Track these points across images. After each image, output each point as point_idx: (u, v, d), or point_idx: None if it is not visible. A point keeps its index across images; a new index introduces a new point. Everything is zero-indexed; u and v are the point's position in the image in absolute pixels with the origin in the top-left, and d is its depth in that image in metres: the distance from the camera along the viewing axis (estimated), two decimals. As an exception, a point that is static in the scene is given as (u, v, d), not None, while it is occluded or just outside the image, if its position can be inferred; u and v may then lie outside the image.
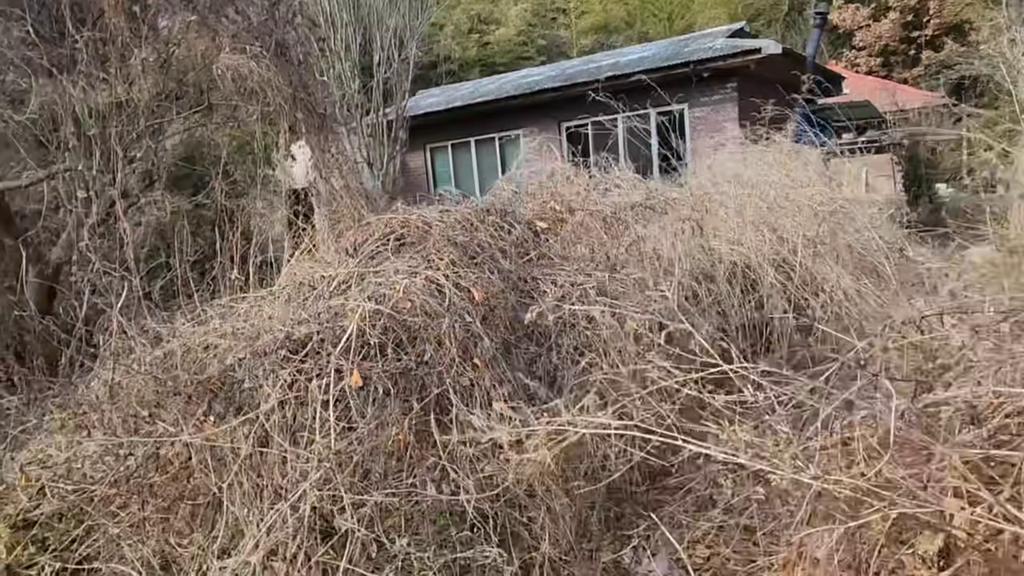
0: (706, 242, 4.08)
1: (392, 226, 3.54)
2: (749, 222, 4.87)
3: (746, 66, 12.80)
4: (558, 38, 28.98)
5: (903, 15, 26.86)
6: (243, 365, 2.82)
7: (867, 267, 5.53)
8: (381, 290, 2.93)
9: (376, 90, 11.13)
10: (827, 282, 5.12)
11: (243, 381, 2.73)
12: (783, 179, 6.46)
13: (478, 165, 16.21)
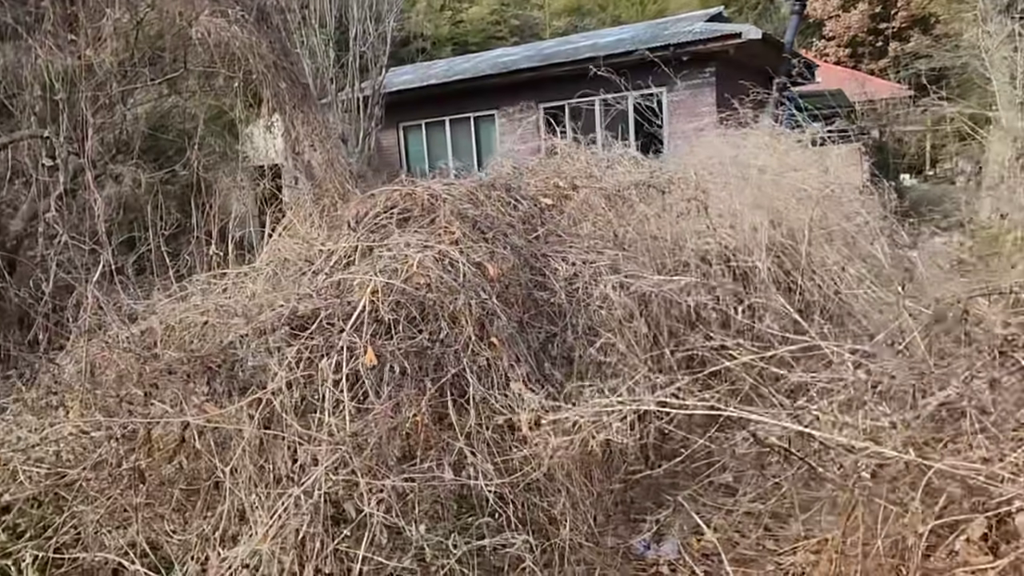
0: (710, 222, 4.00)
1: (395, 199, 3.37)
2: (749, 205, 4.81)
3: (725, 51, 12.78)
4: (531, 19, 28.67)
5: (872, 6, 27.19)
6: (244, 343, 2.64)
7: (863, 252, 5.53)
8: (392, 264, 2.77)
9: (352, 64, 10.81)
10: (826, 267, 5.10)
11: (246, 359, 2.56)
12: (775, 163, 6.44)
13: (453, 145, 15.96)
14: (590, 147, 7.12)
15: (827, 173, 6.88)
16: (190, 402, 2.45)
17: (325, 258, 3.32)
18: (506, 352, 2.65)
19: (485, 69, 14.96)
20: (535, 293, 3.00)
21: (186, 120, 6.96)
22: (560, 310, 3.02)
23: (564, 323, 2.97)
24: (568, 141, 5.18)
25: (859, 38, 27.40)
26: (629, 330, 2.98)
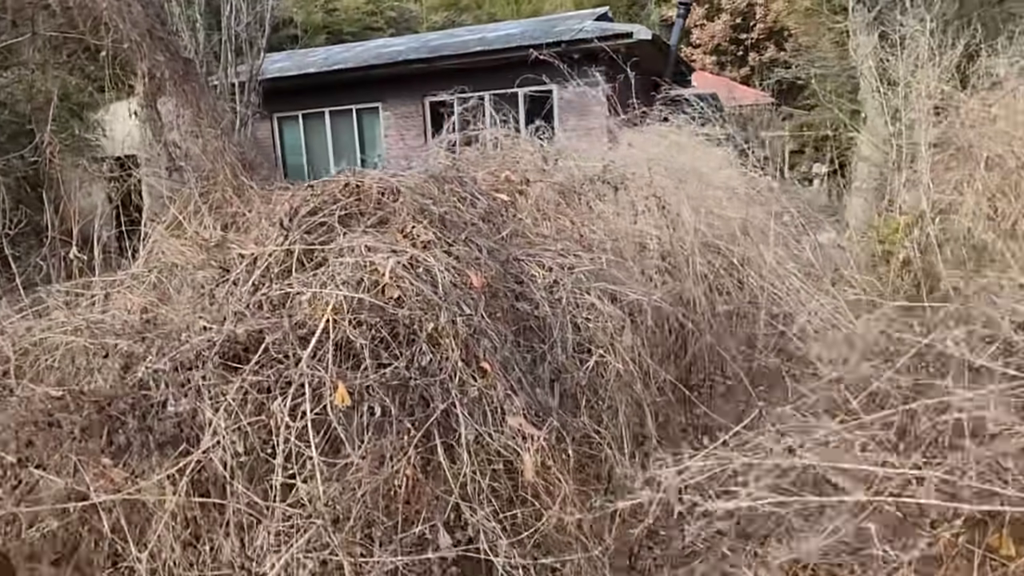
0: (669, 221, 3.73)
1: (333, 192, 2.78)
2: (687, 204, 4.58)
3: (617, 49, 12.79)
4: (408, 11, 27.91)
5: (733, 17, 28.72)
6: (160, 378, 1.98)
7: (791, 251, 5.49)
8: (353, 273, 2.20)
9: (227, 45, 9.73)
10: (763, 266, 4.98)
11: (165, 402, 1.90)
12: (693, 161, 6.33)
13: (333, 138, 15.03)
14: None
15: (744, 173, 6.89)
16: (87, 466, 1.77)
17: (248, 265, 2.66)
18: (500, 379, 2.17)
19: (369, 59, 14.16)
20: (518, 305, 2.54)
21: (32, 98, 5.80)
22: (544, 323, 2.58)
23: (552, 339, 2.53)
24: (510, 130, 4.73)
25: (722, 47, 28.88)
26: (621, 345, 2.60)
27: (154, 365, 2.00)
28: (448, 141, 4.43)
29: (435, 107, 14.41)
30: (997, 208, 6.38)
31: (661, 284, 3.35)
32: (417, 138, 14.64)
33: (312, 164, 15.29)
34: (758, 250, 5.11)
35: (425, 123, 14.50)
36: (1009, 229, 6.05)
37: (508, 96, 13.89)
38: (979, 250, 6.14)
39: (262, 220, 4.26)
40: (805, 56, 20.48)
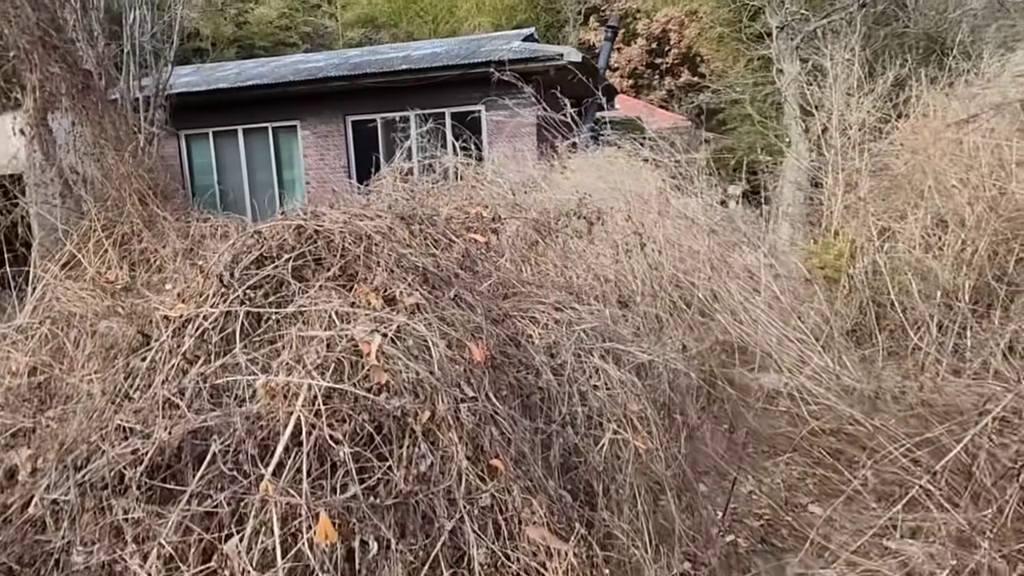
0: (652, 260, 3.39)
1: (283, 238, 2.26)
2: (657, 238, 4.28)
3: (546, 71, 12.62)
4: (323, 27, 27.11)
5: (648, 42, 29.43)
6: (61, 511, 1.42)
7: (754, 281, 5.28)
8: (331, 353, 1.70)
9: (130, 57, 8.85)
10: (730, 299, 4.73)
11: (69, 547, 1.35)
12: (642, 186, 6.08)
13: (247, 158, 14.14)
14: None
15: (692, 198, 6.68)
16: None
17: (176, 330, 2.11)
18: (515, 479, 1.72)
19: (287, 75, 13.41)
20: (520, 376, 2.10)
21: None
22: (548, 394, 2.16)
23: (560, 414, 2.10)
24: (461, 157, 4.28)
25: (639, 71, 29.51)
26: (638, 417, 2.20)
27: (51, 492, 1.44)
28: (400, 169, 3.92)
29: (358, 126, 13.80)
30: (939, 237, 6.46)
31: (653, 331, 2.99)
32: (338, 158, 13.97)
33: (223, 185, 14.33)
34: (724, 284, 4.88)
35: (347, 143, 13.85)
36: (953, 258, 6.09)
37: (435, 116, 13.46)
38: (925, 278, 6.17)
39: (179, 258, 3.62)
40: (721, 82, 21.08)
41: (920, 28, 14.56)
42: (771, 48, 11.86)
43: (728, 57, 23.08)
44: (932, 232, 6.70)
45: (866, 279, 6.70)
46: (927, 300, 5.98)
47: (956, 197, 6.20)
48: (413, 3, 30.66)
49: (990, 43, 7.02)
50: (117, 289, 3.89)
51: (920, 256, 6.33)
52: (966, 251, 5.95)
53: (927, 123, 7.59)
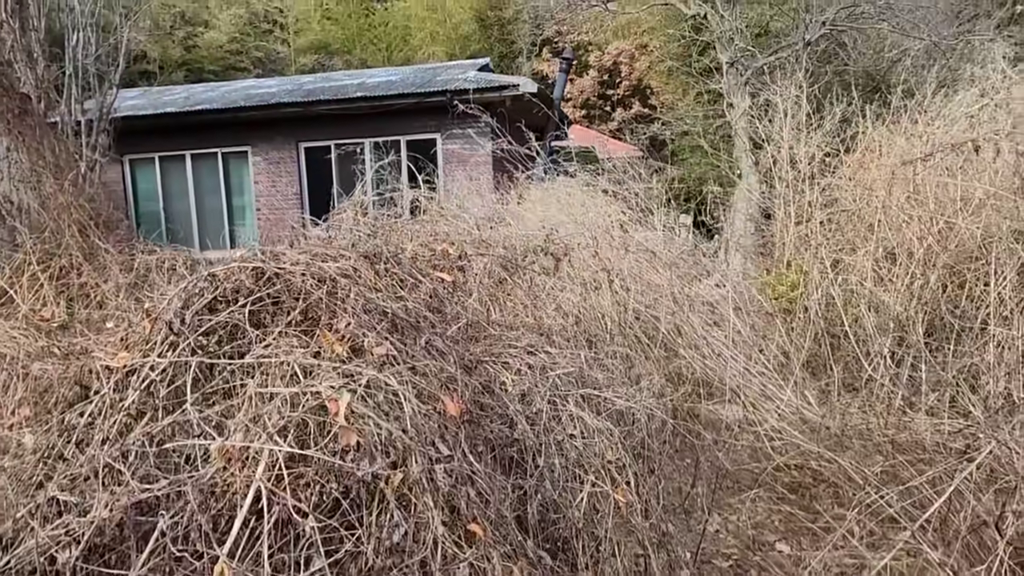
0: (618, 297, 3.34)
1: (240, 281, 2.11)
2: (622, 272, 4.24)
3: (502, 101, 12.66)
4: (275, 52, 26.82)
5: (600, 74, 30.02)
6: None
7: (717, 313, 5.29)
8: (293, 413, 1.55)
9: (72, 79, 8.50)
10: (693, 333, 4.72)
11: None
12: (603, 219, 6.07)
13: (195, 184, 13.75)
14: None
15: (654, 230, 6.71)
16: None
17: (119, 382, 1.94)
18: (495, 544, 1.60)
19: (238, 100, 13.14)
20: (495, 427, 1.98)
21: None
22: (525, 446, 2.04)
23: (537, 467, 1.99)
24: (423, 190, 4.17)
25: (591, 101, 30.02)
26: (616, 467, 2.10)
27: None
28: (360, 203, 3.79)
29: (311, 153, 13.58)
30: (890, 269, 6.61)
31: (624, 371, 2.92)
32: (291, 185, 13.71)
33: (169, 211, 13.90)
34: (686, 317, 4.86)
35: (300, 169, 13.61)
36: (904, 291, 6.23)
37: (390, 144, 13.36)
38: (878, 311, 6.29)
39: (122, 293, 3.41)
40: (671, 114, 21.54)
41: (860, 66, 15.18)
42: (720, 83, 12.15)
43: (678, 90, 23.64)
44: (882, 264, 6.86)
45: (820, 310, 6.80)
46: (881, 332, 6.10)
47: (905, 231, 6.37)
48: (367, 31, 30.65)
49: (932, 83, 7.30)
50: (53, 327, 3.63)
51: (872, 288, 6.46)
52: (916, 284, 6.09)
53: (873, 158, 7.83)
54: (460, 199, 5.51)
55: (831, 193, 8.12)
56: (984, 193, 4.78)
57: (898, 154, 7.03)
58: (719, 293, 6.09)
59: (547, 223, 5.06)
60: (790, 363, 5.84)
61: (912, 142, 6.74)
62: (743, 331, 5.06)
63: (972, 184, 4.95)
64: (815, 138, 8.61)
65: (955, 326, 4.71)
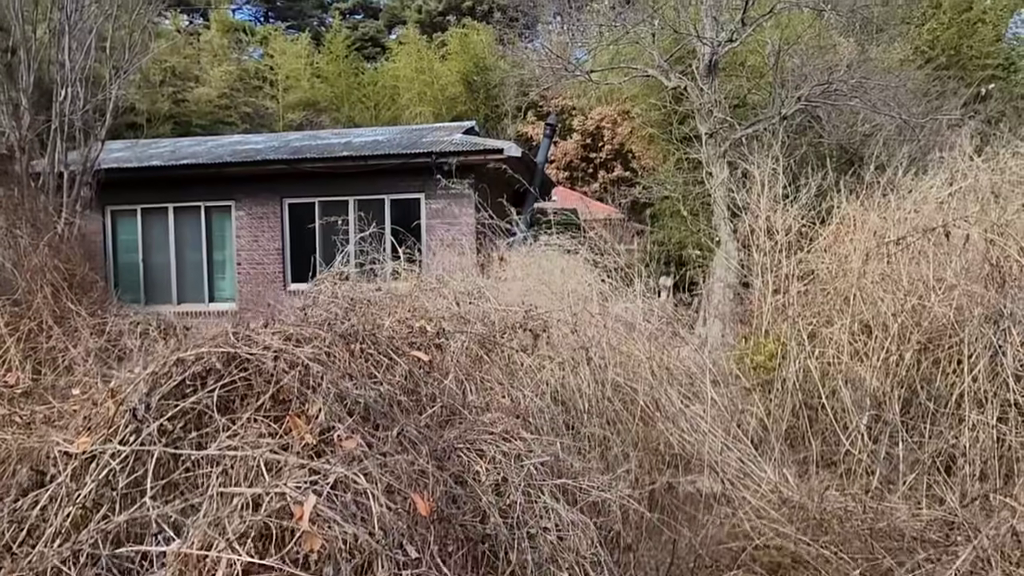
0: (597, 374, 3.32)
1: (209, 363, 2.07)
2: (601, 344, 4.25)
3: (486, 163, 12.87)
4: (264, 108, 27.19)
5: (583, 138, 30.72)
6: None
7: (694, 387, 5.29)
8: (255, 516, 1.50)
9: (58, 134, 8.52)
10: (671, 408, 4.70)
11: None
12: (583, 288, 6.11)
13: (176, 237, 13.71)
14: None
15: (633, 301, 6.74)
16: None
17: (76, 469, 1.88)
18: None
19: (224, 156, 13.24)
20: (466, 522, 1.92)
21: None
22: (496, 540, 1.98)
23: (511, 564, 1.93)
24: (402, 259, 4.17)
25: (574, 163, 30.61)
26: (591, 563, 2.04)
27: None
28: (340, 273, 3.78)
29: (295, 209, 13.63)
30: (865, 343, 6.68)
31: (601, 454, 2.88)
32: (273, 240, 13.71)
33: (148, 263, 13.80)
34: (665, 390, 4.85)
35: (283, 225, 13.64)
36: (879, 365, 6.28)
37: (374, 203, 13.46)
38: (855, 386, 6.32)
39: (91, 358, 3.36)
40: (651, 178, 21.98)
41: (834, 139, 15.67)
42: (700, 151, 12.47)
43: (659, 155, 24.18)
44: (858, 337, 6.92)
45: (797, 382, 6.82)
46: (857, 407, 6.11)
47: (880, 305, 6.46)
48: (356, 89, 31.23)
49: (903, 161, 7.53)
50: (16, 394, 3.54)
51: (848, 362, 6.50)
52: (891, 359, 6.14)
53: (848, 232, 8.00)
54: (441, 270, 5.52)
55: (807, 264, 8.25)
56: (954, 277, 4.88)
57: (871, 229, 7.20)
58: (697, 362, 6.10)
59: (527, 293, 5.08)
60: (768, 435, 5.82)
61: (885, 218, 6.91)
62: (721, 403, 5.05)
63: (944, 267, 5.06)
64: (792, 210, 8.80)
65: (931, 405, 4.73)
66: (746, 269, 10.51)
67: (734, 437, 4.81)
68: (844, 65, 13.14)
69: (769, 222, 9.43)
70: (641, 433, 4.42)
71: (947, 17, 22.41)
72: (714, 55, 12.12)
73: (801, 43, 15.68)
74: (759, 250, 9.43)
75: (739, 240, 11.99)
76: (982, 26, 22.43)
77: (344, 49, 30.38)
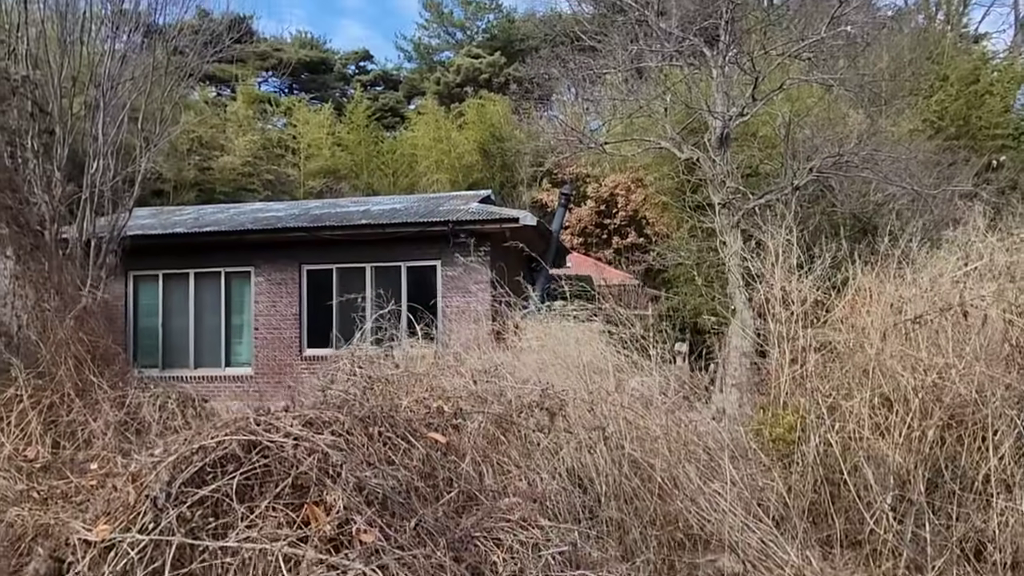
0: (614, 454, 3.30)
1: (230, 449, 2.10)
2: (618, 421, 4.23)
3: (502, 232, 13.06)
4: (285, 175, 27.92)
5: (597, 204, 31.15)
6: None
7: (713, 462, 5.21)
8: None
9: (88, 204, 8.81)
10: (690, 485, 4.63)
11: None
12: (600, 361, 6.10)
13: (196, 301, 13.91)
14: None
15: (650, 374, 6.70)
16: None
17: (94, 560, 1.88)
18: None
19: (246, 223, 13.55)
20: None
21: None
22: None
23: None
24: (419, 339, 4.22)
25: (588, 229, 30.95)
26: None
27: None
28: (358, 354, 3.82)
29: (313, 275, 13.83)
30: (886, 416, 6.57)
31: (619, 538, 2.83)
32: (291, 306, 13.85)
33: (168, 327, 13.97)
34: (683, 467, 4.78)
35: (301, 290, 13.81)
36: (901, 441, 6.16)
37: (391, 270, 13.64)
38: (878, 464, 6.19)
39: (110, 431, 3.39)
40: (665, 245, 22.11)
41: (847, 208, 15.78)
42: (713, 219, 12.59)
43: (672, 222, 24.39)
44: (878, 411, 6.81)
45: (818, 456, 6.69)
46: (880, 483, 5.97)
47: (900, 379, 6.38)
48: (375, 157, 32.05)
49: (917, 233, 7.57)
50: (35, 469, 3.56)
51: (869, 437, 6.39)
52: (913, 435, 6.03)
53: (864, 303, 7.97)
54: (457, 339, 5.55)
55: (824, 335, 8.20)
56: (974, 356, 4.84)
57: (887, 302, 7.18)
58: (715, 437, 6.02)
59: (543, 368, 5.08)
60: (790, 513, 5.68)
61: (901, 292, 6.90)
62: (741, 480, 4.96)
63: (962, 345, 5.02)
64: (807, 281, 8.81)
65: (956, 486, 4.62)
66: (762, 338, 10.46)
67: (754, 516, 4.70)
68: (855, 137, 13.34)
69: (784, 292, 9.43)
70: (660, 511, 4.34)
71: (954, 89, 22.81)
72: (725, 128, 12.38)
73: (811, 115, 15.99)
74: (775, 319, 9.40)
75: (754, 309, 11.98)
76: (990, 98, 22.78)
77: (364, 119, 31.33)
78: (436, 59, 44.28)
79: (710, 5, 12.83)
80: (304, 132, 28.46)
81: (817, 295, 8.82)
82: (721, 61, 12.44)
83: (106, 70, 9.40)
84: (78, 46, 9.27)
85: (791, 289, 9.23)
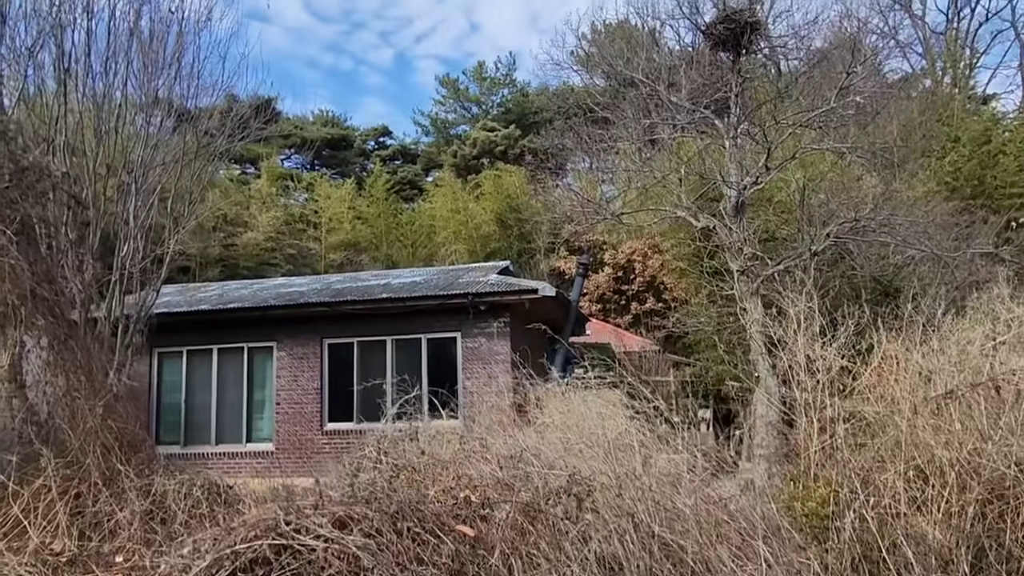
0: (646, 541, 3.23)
1: (259, 546, 2.09)
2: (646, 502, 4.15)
3: (521, 303, 13.13)
4: (307, 249, 28.46)
5: (615, 271, 31.28)
6: None
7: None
8: None
9: (117, 285, 9.04)
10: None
11: None
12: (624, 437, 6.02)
13: (219, 376, 14.00)
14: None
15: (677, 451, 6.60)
16: None
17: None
18: None
19: (268, 299, 13.76)
20: None
21: None
22: None
23: None
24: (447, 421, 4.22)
25: (607, 296, 30.99)
26: None
27: None
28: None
29: (334, 349, 13.91)
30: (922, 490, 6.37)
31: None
32: (312, 380, 13.89)
33: (191, 403, 14.04)
34: (714, 549, 4.65)
35: (323, 365, 13.86)
36: (941, 518, 5.96)
37: (411, 342, 13.69)
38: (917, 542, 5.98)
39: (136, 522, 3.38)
40: (684, 311, 22.00)
41: (867, 271, 15.69)
42: (732, 285, 12.59)
43: (691, 287, 24.34)
44: (913, 483, 6.61)
45: (854, 533, 6.47)
46: (920, 562, 5.74)
47: (934, 451, 6.22)
48: (395, 228, 32.63)
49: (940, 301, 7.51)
50: (61, 563, 3.56)
51: (906, 512, 6.18)
52: (953, 509, 5.83)
53: (891, 370, 7.84)
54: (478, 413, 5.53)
55: (853, 404, 8.04)
56: (1008, 431, 4.73)
57: (914, 370, 7.06)
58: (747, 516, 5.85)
59: (568, 449, 5.04)
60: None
61: (928, 360, 6.79)
62: (774, 562, 4.80)
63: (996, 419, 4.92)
64: (831, 348, 8.70)
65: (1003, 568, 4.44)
66: (788, 406, 10.28)
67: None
68: (870, 201, 13.40)
69: (809, 359, 9.31)
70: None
71: (967, 150, 22.94)
72: (740, 196, 12.52)
73: (825, 180, 16.12)
74: (800, 387, 9.25)
75: (778, 376, 11.81)
76: (1003, 157, 22.86)
77: (384, 192, 32.06)
78: (453, 133, 45.55)
79: (719, 79, 13.19)
80: (325, 206, 29.14)
81: (842, 362, 8.70)
82: (733, 132, 12.69)
83: (139, 156, 9.80)
84: (113, 134, 9.69)
85: (815, 356, 9.12)
